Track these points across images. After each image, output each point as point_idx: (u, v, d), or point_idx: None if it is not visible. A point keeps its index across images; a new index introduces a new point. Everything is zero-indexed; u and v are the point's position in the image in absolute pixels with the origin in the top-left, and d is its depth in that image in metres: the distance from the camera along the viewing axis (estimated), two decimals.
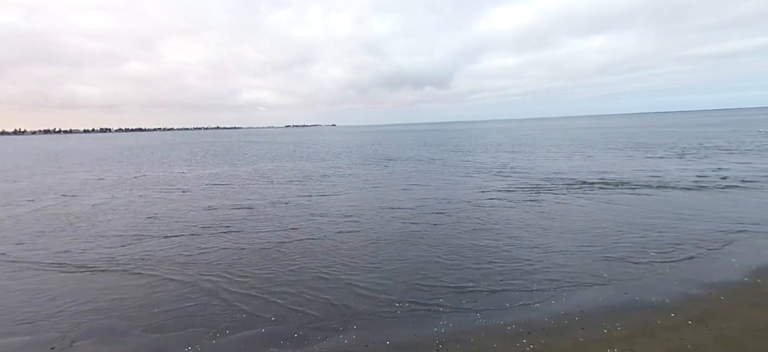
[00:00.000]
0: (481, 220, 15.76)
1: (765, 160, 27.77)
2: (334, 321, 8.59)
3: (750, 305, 8.01)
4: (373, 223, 15.90)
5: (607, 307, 8.52)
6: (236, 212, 18.85)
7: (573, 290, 9.40)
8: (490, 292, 9.56)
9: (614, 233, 13.31)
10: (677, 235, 12.84)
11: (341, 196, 22.02)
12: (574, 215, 15.76)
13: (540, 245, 12.57)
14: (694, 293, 8.87)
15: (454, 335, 7.78)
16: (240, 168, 39.96)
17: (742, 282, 9.21)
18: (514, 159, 37.50)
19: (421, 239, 13.69)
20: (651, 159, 32.49)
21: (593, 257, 11.32)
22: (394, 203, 19.06)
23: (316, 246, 13.20)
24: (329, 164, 40.26)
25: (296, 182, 28.29)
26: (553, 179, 24.50)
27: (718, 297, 8.55)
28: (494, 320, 8.22)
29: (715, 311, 7.92)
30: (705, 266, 10.39)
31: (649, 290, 9.13)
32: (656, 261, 10.83)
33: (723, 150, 36.31)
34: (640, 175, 24.45)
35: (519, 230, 14.12)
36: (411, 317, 8.60)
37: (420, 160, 40.81)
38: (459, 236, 13.92)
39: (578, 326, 7.77)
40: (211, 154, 61.82)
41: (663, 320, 7.75)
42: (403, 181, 26.23)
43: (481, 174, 28.16)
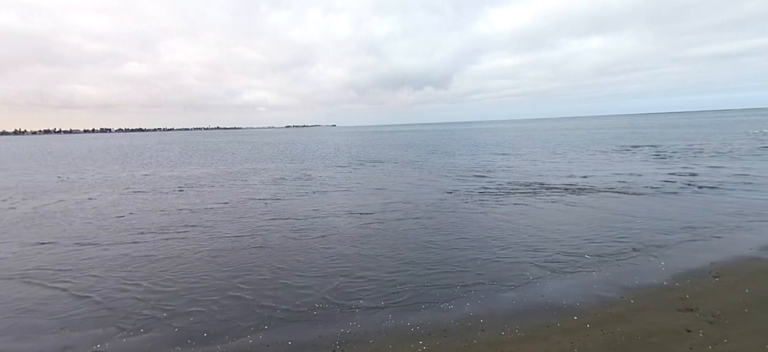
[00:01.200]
0: (430, 223, 15.78)
1: (735, 164, 27.77)
2: (247, 322, 8.61)
3: (655, 310, 8.02)
4: (323, 226, 15.92)
5: (518, 309, 8.54)
6: (190, 214, 18.88)
7: (492, 292, 9.42)
8: (411, 293, 9.58)
9: (556, 236, 13.32)
10: (618, 238, 12.85)
11: (304, 198, 22.07)
12: (524, 218, 15.77)
13: (477, 247, 12.59)
14: (608, 296, 8.89)
15: (357, 335, 7.80)
16: (219, 168, 40.10)
17: (661, 286, 9.22)
18: (495, 161, 37.54)
19: (363, 241, 13.71)
20: (627, 162, 32.50)
21: (524, 260, 11.34)
22: (353, 206, 19.08)
23: (255, 250, 13.21)
24: (309, 165, 40.36)
25: (270, 183, 28.38)
26: (523, 181, 24.53)
27: (628, 301, 8.56)
28: (402, 321, 8.23)
29: (618, 315, 7.93)
30: (633, 269, 10.40)
31: (566, 293, 9.14)
32: (587, 264, 10.85)
33: (701, 153, 36.23)
34: (609, 178, 24.47)
35: (462, 233, 14.14)
36: (324, 317, 8.61)
37: (402, 162, 40.83)
38: (401, 238, 13.96)
39: (480, 328, 7.78)
40: (199, 154, 61.95)
41: (564, 323, 7.76)
42: (374, 183, 26.23)
43: (456, 176, 28.17)
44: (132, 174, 36.76)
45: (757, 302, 8.08)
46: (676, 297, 8.56)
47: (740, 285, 8.92)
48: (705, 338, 6.86)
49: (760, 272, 9.64)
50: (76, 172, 39.59)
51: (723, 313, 7.71)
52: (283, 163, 44.62)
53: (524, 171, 28.84)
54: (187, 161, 50.23)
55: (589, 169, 28.63)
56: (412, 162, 40.12)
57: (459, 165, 35.24)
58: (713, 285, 9.05)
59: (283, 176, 31.85)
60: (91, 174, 37.79)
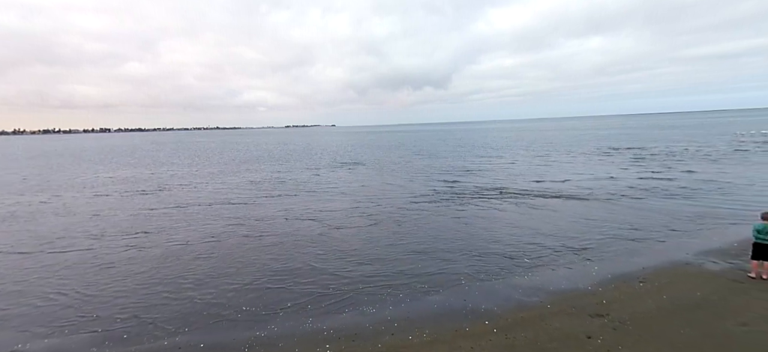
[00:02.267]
0: (379, 229, 15.89)
1: (709, 167, 27.83)
2: (169, 324, 8.69)
3: (567, 316, 8.11)
4: (277, 230, 16.05)
5: (437, 313, 8.62)
6: (145, 220, 19.00)
7: (418, 296, 9.51)
8: (339, 297, 9.66)
9: (500, 241, 13.41)
10: (562, 243, 12.94)
11: (269, 202, 22.30)
12: (475, 223, 15.88)
13: (420, 251, 12.69)
14: (529, 301, 8.97)
15: (270, 339, 7.88)
16: (201, 169, 40.29)
17: (585, 291, 9.30)
18: (474, 163, 37.68)
19: (310, 245, 13.82)
20: (603, 165, 32.63)
21: (462, 264, 11.44)
22: (313, 211, 19.11)
23: (198, 255, 13.21)
24: (289, 167, 40.58)
25: (243, 185, 28.64)
26: (490, 185, 24.66)
27: (546, 305, 8.64)
28: (320, 325, 8.31)
29: (529, 320, 8.01)
30: (565, 273, 10.48)
31: (489, 298, 9.23)
32: (521, 268, 10.93)
33: (680, 156, 36.16)
34: (578, 182, 24.61)
35: (409, 238, 14.22)
36: (245, 321, 8.70)
37: (384, 164, 40.95)
38: (346, 243, 14.08)
39: (391, 331, 7.87)
40: (187, 155, 62.11)
41: (473, 328, 7.84)
42: (343, 187, 26.31)
43: (428, 179, 28.28)
44: (112, 175, 36.91)
45: (669, 308, 8.16)
46: (593, 302, 8.64)
47: (660, 291, 9.01)
48: (601, 344, 6.94)
49: (684, 277, 9.72)
50: (50, 173, 39.69)
51: (630, 319, 7.79)
52: (265, 164, 44.76)
53: (496, 175, 28.91)
54: (172, 162, 50.34)
55: (563, 172, 28.71)
56: (393, 164, 40.21)
57: (438, 167, 35.32)
58: (634, 291, 9.13)
59: (259, 178, 31.97)
60: (65, 175, 37.88)
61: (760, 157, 31.86)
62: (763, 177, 22.72)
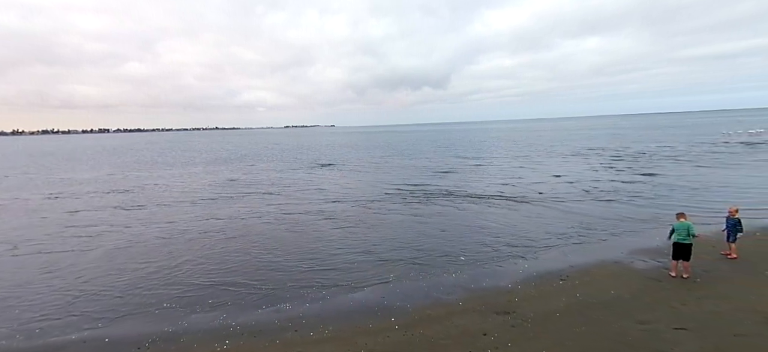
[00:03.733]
0: (329, 227, 15.96)
1: (681, 169, 27.79)
2: (78, 320, 8.72)
3: (474, 313, 8.12)
4: (218, 228, 16.16)
5: (350, 310, 8.64)
6: (86, 226, 19.00)
7: (339, 294, 9.54)
8: (260, 294, 9.69)
9: (439, 239, 13.47)
10: (504, 242, 12.99)
11: (228, 202, 22.31)
12: (419, 223, 15.95)
13: (356, 251, 12.75)
14: (444, 298, 8.98)
15: (175, 334, 7.89)
16: (177, 170, 40.37)
17: (503, 289, 9.31)
18: (451, 164, 37.83)
19: (248, 244, 13.89)
20: (578, 165, 32.69)
21: (394, 261, 11.45)
22: (261, 210, 19.30)
23: (127, 254, 13.32)
24: (266, 167, 40.98)
25: (212, 185, 28.71)
26: (454, 186, 24.76)
27: (458, 303, 8.66)
28: (229, 321, 8.33)
29: (435, 317, 8.03)
30: (494, 270, 10.51)
31: (407, 295, 9.24)
32: (453, 265, 10.96)
33: (656, 156, 36.05)
34: (544, 183, 24.67)
35: (348, 238, 14.29)
36: (159, 316, 8.70)
37: (361, 164, 41.15)
38: (286, 240, 14.23)
39: (295, 328, 7.89)
40: (172, 156, 62.11)
41: (378, 324, 7.85)
42: (310, 186, 26.59)
43: (401, 179, 28.45)
44: (94, 175, 36.95)
45: (576, 306, 8.16)
46: (506, 300, 8.65)
47: (576, 289, 9.01)
48: (493, 341, 6.95)
49: (606, 276, 9.73)
50: (20, 174, 39.67)
51: (533, 317, 7.79)
52: (245, 163, 45.06)
53: (467, 176, 28.84)
54: (153, 162, 50.52)
55: (534, 173, 28.67)
56: (371, 164, 40.21)
57: (412, 167, 35.42)
58: (551, 289, 9.13)
59: (232, 178, 32.23)
60: (38, 175, 37.86)
61: (737, 158, 31.77)
62: (733, 179, 22.66)
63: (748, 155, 32.71)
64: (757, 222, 13.62)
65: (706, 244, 11.40)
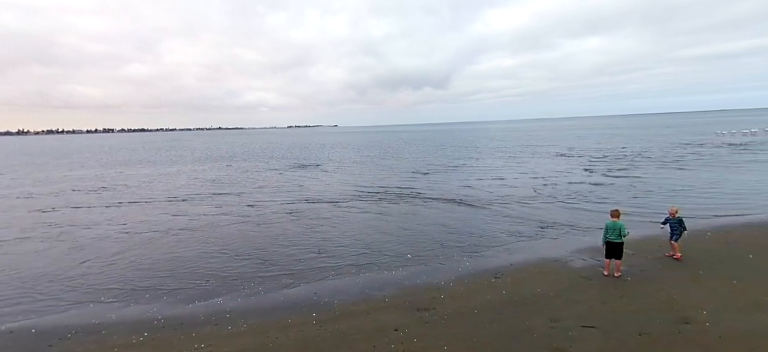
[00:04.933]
0: (287, 225, 16.14)
1: (656, 171, 27.62)
2: (10, 313, 8.85)
3: (395, 309, 8.21)
4: (176, 227, 16.34)
5: (277, 305, 8.77)
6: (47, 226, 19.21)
7: (273, 289, 9.68)
8: (197, 288, 9.85)
9: (391, 238, 13.59)
10: (454, 240, 13.09)
11: (194, 203, 22.50)
12: (377, 222, 16.05)
13: (303, 246, 12.92)
14: (374, 294, 9.07)
15: (99, 325, 8.03)
16: (160, 169, 40.73)
17: (435, 286, 9.40)
18: (433, 165, 37.83)
19: (200, 240, 14.13)
20: (555, 166, 32.53)
21: (339, 258, 11.63)
22: (227, 208, 19.56)
23: (69, 249, 13.70)
24: (249, 166, 41.25)
25: (187, 185, 28.96)
26: (431, 186, 24.82)
27: (383, 299, 8.75)
28: (159, 314, 8.47)
29: (355, 313, 8.13)
30: (433, 269, 10.58)
31: (339, 291, 9.35)
32: (397, 262, 11.09)
33: (634, 158, 35.88)
34: (519, 183, 24.68)
35: (303, 234, 14.51)
36: (93, 310, 8.86)
37: (343, 164, 41.42)
38: (241, 238, 14.34)
39: (214, 322, 8.00)
40: (161, 154, 62.47)
41: (298, 319, 7.96)
42: (287, 185, 26.81)
43: (377, 178, 28.53)
44: (66, 174, 37.32)
45: (497, 304, 8.21)
46: (431, 297, 8.73)
47: (504, 287, 9.07)
48: (401, 337, 7.03)
49: (540, 273, 9.78)
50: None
51: (451, 313, 7.87)
52: (233, 162, 45.46)
53: (444, 176, 28.70)
54: (146, 161, 50.88)
55: (514, 173, 28.57)
56: (354, 163, 40.42)
57: (395, 167, 35.62)
58: (481, 286, 9.20)
59: (214, 177, 32.62)
60: (26, 174, 38.26)
61: (717, 160, 31.48)
62: (702, 180, 22.52)
63: (728, 156, 32.37)
64: (715, 221, 13.64)
65: (653, 243, 11.44)
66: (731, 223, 13.43)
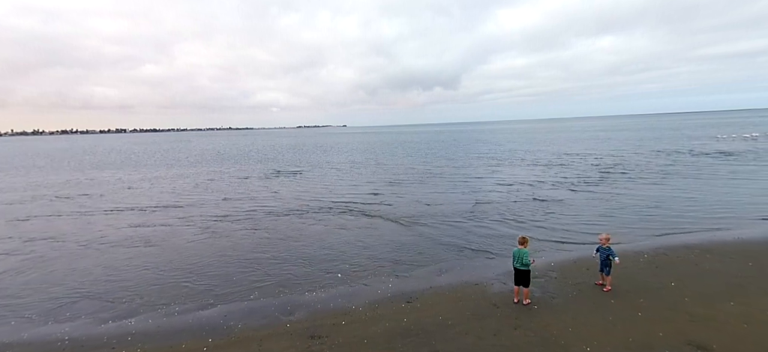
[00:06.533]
0: (239, 237, 16.41)
1: (635, 182, 27.04)
2: None
3: (287, 335, 8.33)
4: (135, 237, 16.60)
5: (184, 328, 8.95)
6: None
7: (192, 310, 9.87)
8: (116, 307, 10.09)
9: (338, 255, 13.65)
10: (395, 257, 13.16)
11: (156, 208, 22.88)
12: (336, 235, 16.19)
13: (243, 262, 13.09)
14: (282, 318, 9.20)
15: (8, 345, 8.27)
16: (152, 172, 41.56)
17: (344, 310, 9.48)
18: (416, 172, 37.79)
19: (141, 255, 14.34)
20: (530, 176, 32.15)
21: (272, 276, 11.77)
22: (184, 219, 19.86)
23: (37, 258, 13.96)
24: (239, 170, 41.51)
25: (170, 191, 29.34)
26: (409, 197, 24.83)
27: (285, 325, 8.86)
28: (67, 336, 8.74)
29: (252, 339, 8.27)
30: (354, 291, 10.65)
31: (250, 314, 9.51)
32: (324, 282, 11.21)
33: (617, 168, 35.16)
34: (493, 193, 24.46)
35: (256, 247, 14.69)
36: (32, 325, 9.12)
37: (329, 168, 41.50)
38: (187, 250, 14.52)
39: (113, 345, 8.21)
40: (159, 156, 63.43)
41: (191, 345, 8.14)
42: (263, 192, 26.93)
43: (352, 187, 28.60)
44: (70, 177, 38.23)
45: (390, 334, 8.23)
46: (331, 323, 8.82)
47: (410, 313, 9.10)
48: None
49: (454, 298, 9.77)
50: None
51: (342, 342, 7.95)
52: (227, 165, 46.02)
53: (417, 189, 28.70)
54: (140, 164, 51.79)
55: (484, 186, 28.35)
56: (335, 170, 40.22)
57: (371, 175, 35.51)
58: (388, 312, 9.25)
59: (199, 181, 33.06)
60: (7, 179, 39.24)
61: (696, 170, 30.69)
62: (673, 194, 22.04)
63: (709, 166, 31.34)
64: (657, 241, 13.45)
65: (584, 267, 11.34)
66: (673, 243, 13.20)
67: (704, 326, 7.96)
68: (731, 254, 11.94)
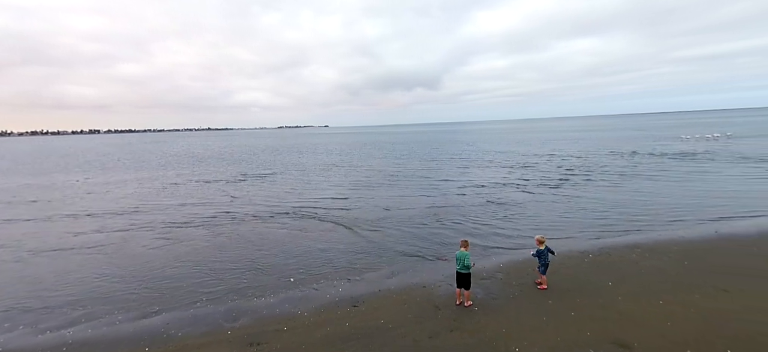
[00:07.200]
0: (204, 240, 16.25)
1: (574, 188, 27.77)
2: None
3: (231, 344, 8.31)
4: (58, 248, 16.30)
5: (124, 337, 8.85)
6: None
7: (135, 318, 9.74)
8: (56, 317, 9.85)
9: (296, 259, 13.66)
10: (345, 261, 13.25)
11: (99, 212, 22.44)
12: (295, 239, 16.18)
13: (198, 268, 12.98)
14: (223, 326, 9.15)
15: None
16: (109, 176, 40.48)
17: (288, 315, 9.53)
18: (381, 178, 37.99)
19: (86, 262, 14.18)
20: (493, 178, 32.78)
21: (224, 282, 11.73)
22: (141, 223, 19.67)
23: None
24: (197, 174, 40.86)
25: (131, 195, 28.70)
26: (373, 201, 24.93)
27: (226, 331, 8.84)
28: (4, 346, 8.46)
29: (190, 347, 8.21)
30: (305, 294, 10.69)
31: (194, 322, 9.44)
32: (275, 287, 11.22)
33: (581, 169, 36.07)
34: (458, 194, 24.77)
35: (213, 252, 14.61)
36: None
37: (298, 171, 41.29)
38: (129, 258, 14.29)
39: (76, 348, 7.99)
40: (123, 159, 61.84)
41: None
42: (219, 198, 26.84)
43: (316, 192, 28.57)
44: (29, 181, 36.96)
45: (330, 339, 8.32)
46: (274, 329, 8.84)
47: (355, 318, 9.20)
48: None
49: (398, 302, 9.90)
50: None
51: (280, 349, 7.98)
52: (189, 169, 45.23)
53: (383, 192, 28.89)
54: (104, 167, 50.40)
55: (450, 189, 28.69)
56: (301, 172, 40.12)
57: (340, 179, 35.56)
58: (333, 316, 9.33)
59: (166, 184, 32.34)
60: None
61: (658, 171, 31.69)
62: (623, 196, 22.78)
63: (668, 167, 32.71)
64: (601, 242, 13.92)
65: (528, 268, 11.64)
66: (618, 243, 13.71)
67: (631, 324, 8.33)
68: (670, 254, 12.48)
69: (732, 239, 13.62)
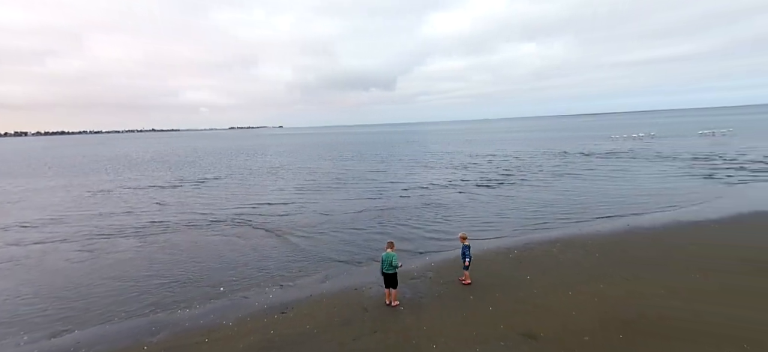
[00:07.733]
0: (135, 248, 15.48)
1: (509, 189, 29.36)
2: None
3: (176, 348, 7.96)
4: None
5: None
6: None
7: (52, 336, 9.12)
8: None
9: (229, 268, 13.35)
10: (278, 268, 13.10)
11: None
12: (228, 245, 15.86)
13: (124, 280, 12.35)
14: (141, 340, 8.75)
15: None
16: (38, 182, 37.42)
17: (214, 326, 9.32)
18: (328, 180, 37.98)
19: (11, 279, 12.92)
20: (434, 179, 33.81)
21: (149, 294, 11.27)
22: (66, 233, 18.32)
23: None
24: (124, 179, 38.82)
25: (58, 202, 26.66)
26: (313, 206, 24.80)
27: (143, 347, 8.45)
28: None
29: None
30: (235, 302, 10.50)
31: (112, 338, 8.97)
32: (205, 297, 10.89)
33: (518, 171, 38.23)
34: (392, 197, 25.23)
35: (141, 262, 13.92)
36: None
37: (239, 176, 40.30)
38: (55, 273, 13.43)
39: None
40: (60, 161, 57.19)
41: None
42: (155, 203, 25.56)
43: (257, 197, 28.04)
44: None
45: (255, 347, 8.24)
46: (196, 341, 8.61)
47: (282, 325, 9.16)
48: None
49: (327, 306, 9.99)
50: None
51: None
52: (124, 174, 42.96)
53: (325, 196, 28.86)
54: (20, 174, 46.27)
55: (393, 192, 29.21)
56: (253, 175, 39.48)
57: (284, 183, 35.20)
58: (259, 324, 9.23)
59: (93, 190, 30.24)
60: None
61: (591, 170, 34.09)
62: (548, 196, 24.30)
63: (594, 166, 35.43)
64: (524, 238, 14.81)
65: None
66: (541, 239, 14.65)
67: (541, 316, 8.96)
68: (586, 247, 13.54)
69: (639, 232, 15.02)
